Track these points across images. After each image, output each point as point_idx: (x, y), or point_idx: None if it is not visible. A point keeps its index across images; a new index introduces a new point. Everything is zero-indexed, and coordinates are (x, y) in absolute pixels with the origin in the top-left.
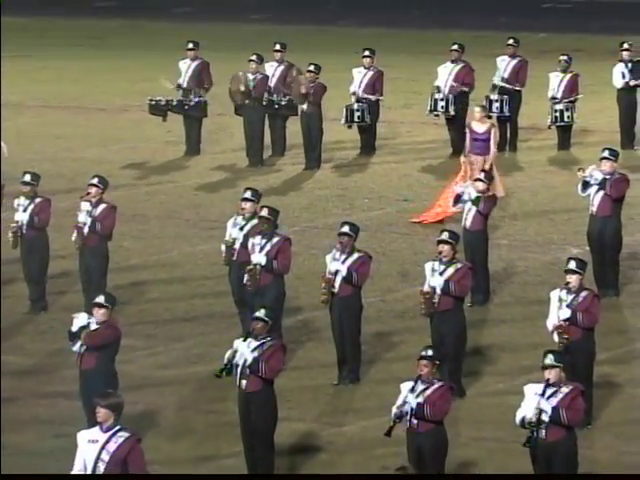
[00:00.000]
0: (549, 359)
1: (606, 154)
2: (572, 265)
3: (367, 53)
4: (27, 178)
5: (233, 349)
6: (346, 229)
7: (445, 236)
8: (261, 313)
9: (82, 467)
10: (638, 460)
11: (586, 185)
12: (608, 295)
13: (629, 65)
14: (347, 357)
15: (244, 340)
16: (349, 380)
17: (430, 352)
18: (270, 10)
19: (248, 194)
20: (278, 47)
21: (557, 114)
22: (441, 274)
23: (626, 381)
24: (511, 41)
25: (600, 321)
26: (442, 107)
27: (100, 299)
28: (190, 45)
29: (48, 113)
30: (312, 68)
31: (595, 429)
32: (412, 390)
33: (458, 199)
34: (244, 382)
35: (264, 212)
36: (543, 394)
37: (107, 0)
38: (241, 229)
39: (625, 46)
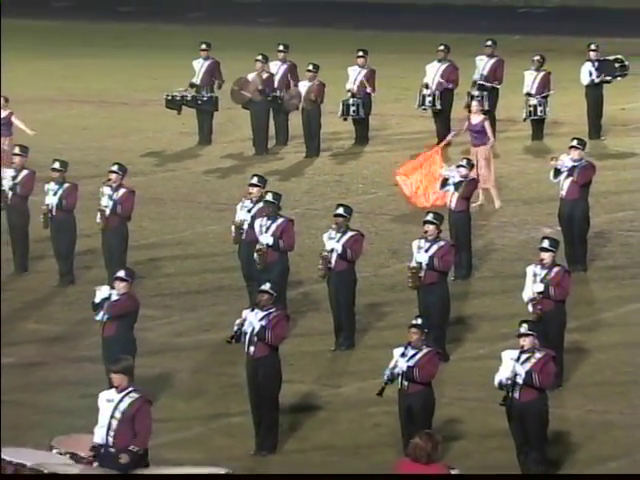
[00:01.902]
0: (524, 328)
1: (574, 143)
2: (545, 244)
3: (361, 53)
4: (56, 165)
5: (242, 318)
6: (341, 211)
7: (430, 217)
8: (267, 286)
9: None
10: (604, 417)
11: (557, 172)
12: (577, 270)
13: (595, 64)
14: (343, 325)
15: (252, 310)
16: (345, 346)
17: (419, 321)
18: (275, 14)
19: (255, 180)
20: (282, 48)
21: (531, 108)
22: (426, 251)
23: (593, 347)
24: (489, 42)
25: (570, 294)
26: (429, 102)
27: (121, 273)
28: (203, 46)
29: (75, 107)
30: (311, 67)
31: (565, 390)
32: (403, 355)
33: (445, 183)
34: (252, 348)
35: (269, 196)
36: (518, 359)
37: (129, 5)
38: (249, 211)
39: (592, 47)
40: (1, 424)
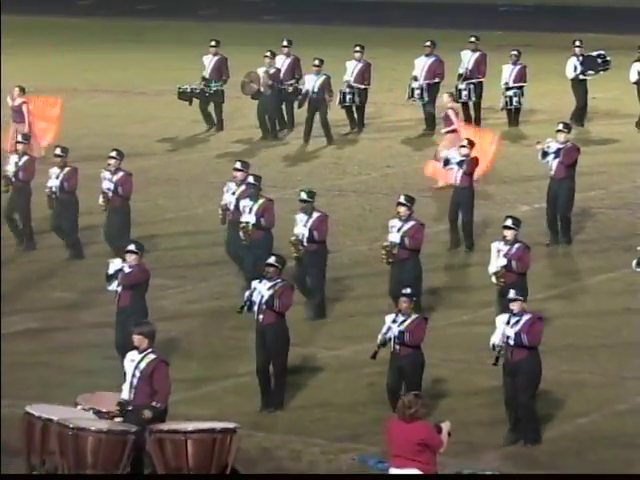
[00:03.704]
0: (512, 293)
1: (560, 127)
2: (508, 222)
3: (357, 48)
4: (58, 151)
5: (251, 289)
6: (304, 196)
7: (402, 199)
8: (272, 260)
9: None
10: (576, 377)
11: (545, 154)
12: (562, 243)
13: (580, 59)
14: (315, 296)
15: (260, 282)
16: (314, 314)
17: (409, 290)
18: (280, 12)
19: (238, 164)
20: (286, 43)
21: (507, 99)
22: (398, 230)
23: (566, 313)
24: (473, 38)
25: (552, 264)
26: (418, 94)
27: (131, 247)
28: (212, 43)
29: (98, 96)
30: (317, 62)
31: (541, 352)
32: (394, 321)
33: (447, 162)
34: (261, 316)
35: (250, 179)
36: (508, 322)
37: (146, 3)
38: (233, 194)
39: (577, 43)
40: (26, 384)
